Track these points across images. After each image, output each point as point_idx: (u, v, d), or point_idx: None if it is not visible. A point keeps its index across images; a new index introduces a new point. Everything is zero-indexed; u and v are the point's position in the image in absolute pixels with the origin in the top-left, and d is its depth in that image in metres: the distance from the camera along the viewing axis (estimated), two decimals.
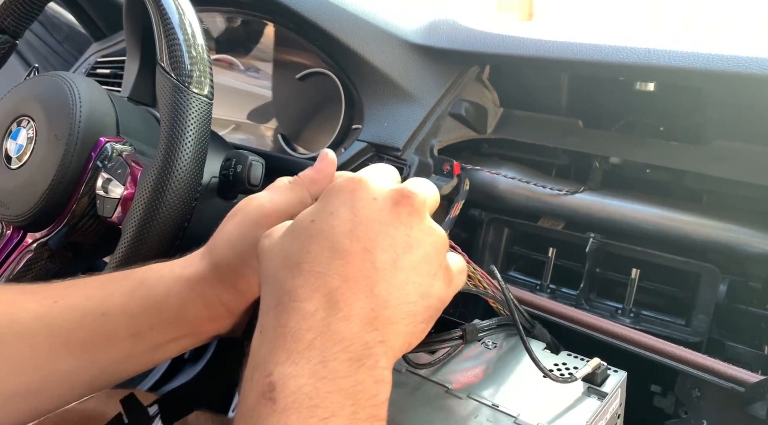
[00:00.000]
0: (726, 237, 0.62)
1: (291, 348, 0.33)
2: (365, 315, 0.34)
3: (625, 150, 0.69)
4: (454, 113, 0.75)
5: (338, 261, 0.35)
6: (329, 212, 0.37)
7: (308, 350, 0.33)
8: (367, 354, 0.34)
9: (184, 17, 0.59)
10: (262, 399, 0.32)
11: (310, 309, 0.34)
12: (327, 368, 0.32)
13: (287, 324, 0.34)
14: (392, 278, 0.36)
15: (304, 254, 0.35)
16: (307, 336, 0.33)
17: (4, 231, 0.70)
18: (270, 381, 0.32)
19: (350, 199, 0.37)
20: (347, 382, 0.32)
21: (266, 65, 0.92)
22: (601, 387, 0.46)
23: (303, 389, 0.32)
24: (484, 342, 0.52)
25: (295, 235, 0.37)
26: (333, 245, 0.35)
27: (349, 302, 0.34)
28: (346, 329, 0.34)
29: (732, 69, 0.57)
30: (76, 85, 0.65)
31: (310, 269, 0.35)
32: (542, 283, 0.72)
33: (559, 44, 0.67)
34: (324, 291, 0.34)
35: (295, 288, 0.35)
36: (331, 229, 0.36)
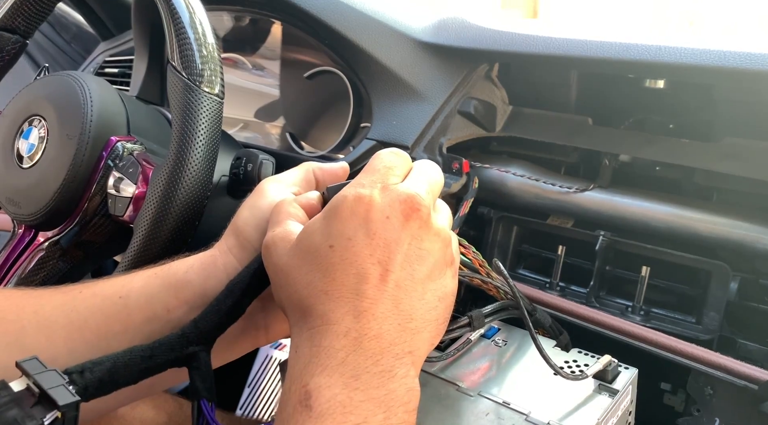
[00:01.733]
0: (736, 235, 0.62)
1: (325, 363, 0.35)
2: (393, 331, 0.37)
3: (635, 147, 0.69)
4: (463, 111, 0.75)
5: (364, 286, 0.37)
6: (347, 238, 0.38)
7: (341, 365, 0.35)
8: (397, 365, 0.36)
9: (194, 16, 0.59)
10: (299, 406, 0.34)
11: (342, 330, 0.36)
12: (359, 380, 0.35)
13: (321, 344, 0.36)
14: (413, 292, 0.38)
15: (330, 282, 0.37)
16: (340, 354, 0.35)
17: (16, 230, 0.70)
18: (306, 390, 0.34)
19: (365, 222, 0.38)
20: (379, 392, 0.35)
21: (274, 64, 0.92)
22: (612, 384, 0.46)
23: (337, 398, 0.34)
24: (495, 340, 0.52)
25: (315, 262, 0.38)
26: (357, 271, 0.37)
27: (378, 321, 0.36)
28: (377, 345, 0.36)
29: (743, 66, 0.57)
30: (87, 85, 0.66)
31: (339, 295, 0.37)
32: (552, 281, 0.72)
33: (568, 41, 0.67)
34: (354, 314, 0.36)
35: (326, 313, 0.37)
36: (353, 256, 0.37)
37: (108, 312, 0.43)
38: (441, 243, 0.40)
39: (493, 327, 0.53)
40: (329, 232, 0.38)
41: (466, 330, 0.47)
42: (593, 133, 0.72)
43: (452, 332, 0.46)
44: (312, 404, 0.34)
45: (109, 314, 0.43)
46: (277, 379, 1.15)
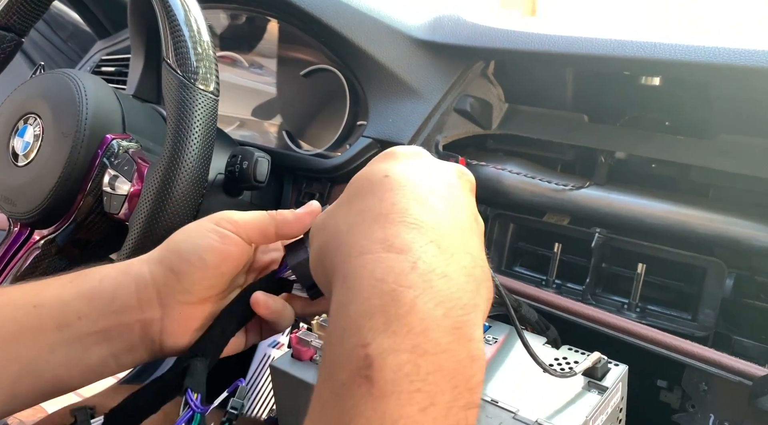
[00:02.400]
0: (732, 232, 0.62)
1: (391, 311, 0.29)
2: (461, 272, 0.31)
3: (631, 144, 0.69)
4: (459, 109, 0.75)
5: (429, 215, 0.32)
6: (403, 169, 0.35)
7: (410, 314, 0.28)
8: (464, 321, 0.30)
9: (189, 14, 0.59)
10: (357, 376, 0.28)
11: (410, 261, 0.30)
12: (429, 339, 0.28)
13: (385, 279, 0.29)
14: (472, 239, 0.34)
15: (390, 205, 0.32)
16: (407, 294, 0.29)
17: (11, 229, 0.70)
18: (367, 354, 0.28)
19: (419, 162, 0.36)
20: (448, 359, 0.28)
21: (270, 62, 0.92)
22: (601, 381, 0.46)
23: (404, 368, 0.28)
24: (485, 337, 0.52)
25: (367, 190, 0.34)
26: (420, 198, 0.33)
27: (446, 256, 0.31)
28: (447, 287, 0.30)
29: (739, 62, 0.57)
30: (82, 83, 0.66)
31: (401, 220, 0.32)
32: (548, 279, 0.72)
33: (564, 39, 0.67)
34: (421, 243, 0.31)
35: (388, 238, 0.31)
36: (413, 185, 0.34)
37: (21, 321, 0.43)
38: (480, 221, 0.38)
39: (483, 324, 0.53)
40: (381, 167, 0.35)
41: None
42: (589, 131, 0.72)
43: None
44: (374, 376, 0.27)
45: (22, 323, 0.43)
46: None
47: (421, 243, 0.31)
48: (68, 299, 0.44)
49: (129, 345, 0.44)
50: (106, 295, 0.44)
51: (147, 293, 0.44)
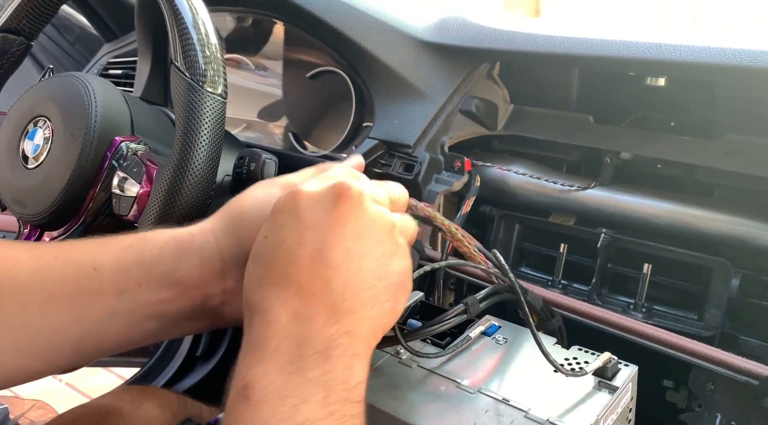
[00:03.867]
0: (738, 231, 0.62)
1: (260, 353, 0.36)
2: (325, 312, 0.37)
3: (636, 145, 0.69)
4: (464, 110, 0.75)
5: (291, 268, 0.38)
6: (279, 226, 0.39)
7: (275, 353, 0.36)
8: (333, 346, 0.36)
9: (197, 17, 0.60)
10: (237, 398, 0.35)
11: (273, 318, 0.37)
12: (294, 365, 0.35)
13: (255, 335, 0.37)
14: (345, 271, 0.38)
15: (264, 269, 0.39)
16: (272, 342, 0.36)
17: (21, 230, 0.70)
18: (245, 382, 0.35)
19: (295, 209, 0.39)
20: (315, 373, 0.35)
21: (277, 64, 0.93)
22: (612, 381, 0.46)
23: (273, 383, 0.35)
24: (495, 337, 0.52)
25: (256, 255, 0.40)
26: (285, 255, 0.38)
27: (307, 304, 0.37)
28: (308, 329, 0.36)
29: (744, 63, 0.57)
30: (91, 86, 0.66)
31: (270, 282, 0.38)
32: (554, 279, 0.73)
33: (569, 40, 0.67)
34: (282, 300, 0.37)
35: (259, 302, 0.38)
36: (282, 241, 0.38)
37: (82, 283, 0.43)
38: (382, 221, 0.40)
39: (493, 324, 0.53)
40: (267, 227, 0.40)
41: (462, 316, 0.47)
42: (595, 131, 0.72)
43: (449, 321, 0.47)
44: (249, 394, 0.35)
45: (83, 285, 0.43)
46: None
47: (283, 300, 0.37)
48: (128, 265, 0.44)
49: (189, 314, 0.45)
50: (167, 265, 0.44)
51: (211, 265, 0.44)
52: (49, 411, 1.06)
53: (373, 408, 0.44)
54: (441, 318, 0.47)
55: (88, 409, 0.70)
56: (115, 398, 0.73)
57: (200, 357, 1.29)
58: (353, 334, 0.37)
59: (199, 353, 1.31)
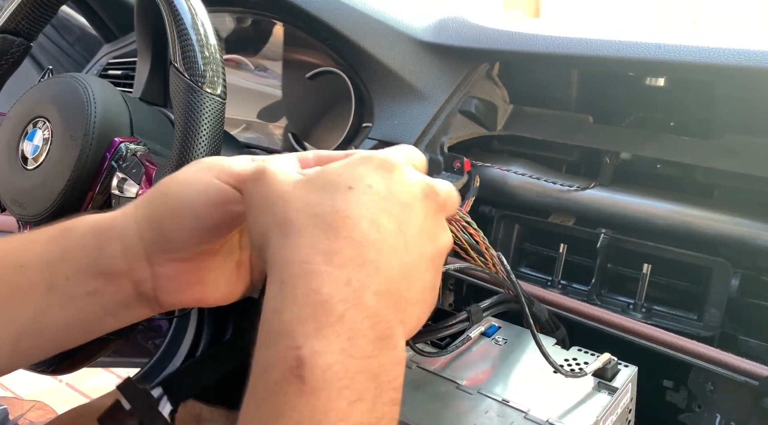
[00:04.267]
0: (737, 232, 0.62)
1: (322, 319, 0.31)
2: (392, 293, 0.33)
3: (636, 145, 0.69)
4: (464, 110, 0.75)
5: (375, 235, 0.34)
6: (367, 184, 0.35)
7: (339, 323, 0.31)
8: (388, 334, 0.33)
9: (196, 18, 0.60)
10: (289, 375, 0.30)
11: (344, 277, 0.32)
12: (355, 345, 0.31)
13: (320, 291, 0.32)
14: (418, 263, 0.36)
15: (342, 218, 0.34)
16: (339, 306, 0.31)
17: (21, 231, 0.71)
18: (298, 355, 0.30)
19: (388, 178, 0.36)
20: (372, 363, 0.31)
21: (276, 64, 0.93)
22: (611, 381, 0.46)
23: (333, 367, 0.30)
24: (494, 338, 0.52)
25: (327, 195, 0.35)
26: (371, 217, 0.34)
27: (382, 277, 0.33)
28: (376, 304, 0.32)
29: (743, 63, 0.57)
30: (90, 86, 0.66)
31: (348, 235, 0.33)
32: (553, 279, 0.73)
33: (568, 40, 0.67)
34: (359, 262, 0.33)
35: (330, 252, 0.33)
36: (370, 201, 0.35)
37: (10, 281, 0.42)
38: (446, 237, 0.39)
39: (493, 325, 0.53)
40: (350, 174, 0.35)
41: (465, 324, 0.47)
42: (594, 131, 0.72)
43: (451, 327, 0.47)
44: (305, 375, 0.30)
45: (12, 283, 0.42)
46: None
47: (360, 262, 0.33)
48: (53, 259, 0.42)
49: (124, 303, 0.43)
50: (91, 254, 0.42)
51: (134, 252, 0.42)
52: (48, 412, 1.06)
53: None
54: (443, 324, 0.47)
55: (87, 410, 0.71)
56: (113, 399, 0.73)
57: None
58: (405, 326, 0.34)
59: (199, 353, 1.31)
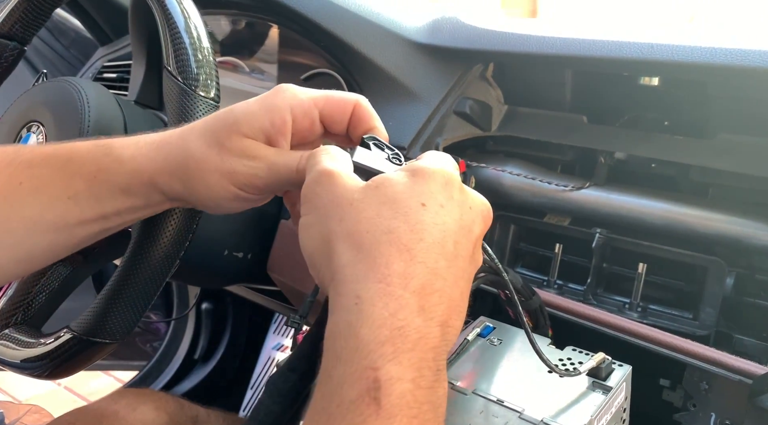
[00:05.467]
0: (732, 231, 0.62)
1: (398, 344, 0.31)
2: (449, 324, 0.34)
3: (630, 145, 0.69)
4: (458, 111, 0.75)
5: (443, 262, 0.34)
6: (439, 203, 0.35)
7: (412, 351, 0.31)
8: (443, 366, 0.33)
9: (189, 21, 0.60)
10: (366, 396, 0.30)
11: (418, 305, 0.32)
12: (423, 376, 0.31)
13: (397, 315, 0.32)
14: (466, 290, 0.36)
15: (417, 241, 0.33)
16: (412, 335, 0.32)
17: None
18: (376, 377, 0.30)
19: (456, 199, 0.36)
20: (433, 394, 0.32)
21: (271, 66, 0.93)
22: (605, 381, 0.46)
23: (406, 396, 0.30)
24: (489, 339, 0.52)
25: (401, 212, 0.34)
26: (443, 243, 0.34)
27: (443, 307, 0.33)
28: (438, 336, 0.33)
29: (736, 63, 0.57)
30: (84, 90, 0.66)
31: (422, 260, 0.33)
32: (549, 279, 0.73)
33: (562, 41, 0.68)
34: (430, 290, 0.33)
35: (406, 275, 0.33)
36: (443, 225, 0.35)
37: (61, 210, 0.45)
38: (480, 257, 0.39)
39: (488, 325, 0.53)
40: (420, 191, 0.35)
41: None
42: (589, 131, 0.72)
43: None
44: (382, 399, 0.30)
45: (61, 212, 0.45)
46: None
47: (430, 290, 0.33)
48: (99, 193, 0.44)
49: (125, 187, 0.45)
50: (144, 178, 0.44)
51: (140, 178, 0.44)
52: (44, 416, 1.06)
53: None
54: None
55: (84, 413, 0.71)
56: (111, 401, 0.73)
57: (198, 360, 1.30)
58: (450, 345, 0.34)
59: (197, 355, 1.31)
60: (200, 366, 1.29)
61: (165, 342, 1.30)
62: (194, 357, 1.29)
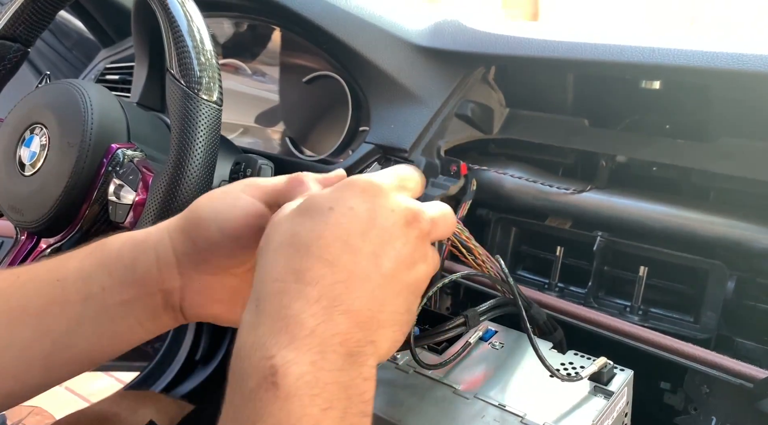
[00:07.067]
0: (733, 234, 0.62)
1: (294, 332, 0.33)
2: (362, 314, 0.35)
3: (632, 148, 0.69)
4: (460, 114, 0.75)
5: (348, 256, 0.35)
6: (349, 206, 0.37)
7: (309, 337, 0.33)
8: (357, 352, 0.34)
9: (192, 24, 0.60)
10: (264, 382, 0.32)
11: (315, 295, 0.34)
12: (325, 359, 0.33)
13: (290, 306, 0.34)
14: (391, 286, 0.37)
15: (316, 238, 0.36)
16: (309, 321, 0.33)
17: (18, 237, 0.71)
18: (272, 364, 0.32)
19: (371, 202, 0.38)
20: (343, 376, 0.33)
21: (273, 69, 0.93)
22: (607, 386, 0.46)
23: (305, 377, 0.32)
24: (492, 342, 0.52)
25: (308, 216, 0.37)
26: (346, 239, 0.36)
27: (351, 297, 0.35)
28: (344, 322, 0.34)
29: (737, 67, 0.57)
30: (87, 93, 0.66)
31: (320, 255, 0.35)
32: (550, 282, 0.73)
33: (564, 44, 0.68)
34: (330, 281, 0.35)
35: (301, 270, 0.35)
36: (348, 223, 0.36)
37: (47, 295, 0.44)
38: (428, 265, 0.40)
39: (490, 329, 0.53)
40: (334, 197, 0.38)
41: (462, 328, 0.47)
42: (590, 135, 0.72)
43: (448, 331, 0.47)
44: (279, 382, 0.32)
45: (48, 297, 0.44)
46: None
47: (331, 280, 0.35)
48: (89, 271, 0.44)
49: (153, 313, 0.45)
50: (126, 265, 0.44)
51: (167, 262, 0.44)
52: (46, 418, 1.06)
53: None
54: (440, 329, 0.47)
55: (85, 415, 0.71)
56: (112, 404, 0.73)
57: (199, 361, 1.30)
58: (375, 346, 0.36)
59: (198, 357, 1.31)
60: (202, 367, 1.29)
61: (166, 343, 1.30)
62: (196, 358, 1.29)
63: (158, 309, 0.45)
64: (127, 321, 0.45)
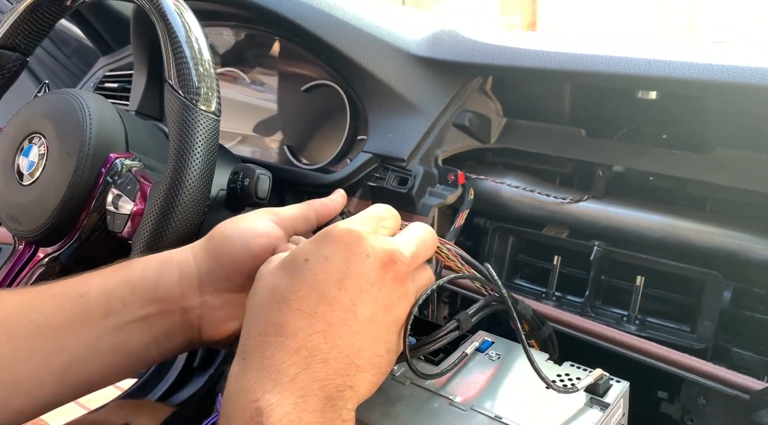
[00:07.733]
0: (729, 244, 0.63)
1: (276, 379, 0.35)
2: (340, 361, 0.37)
3: (628, 158, 0.69)
4: (457, 123, 0.76)
5: (324, 306, 0.38)
6: (324, 256, 0.39)
7: (291, 383, 0.35)
8: (338, 396, 0.37)
9: (190, 34, 0.60)
10: (251, 422, 0.34)
11: (294, 346, 0.36)
12: (307, 402, 0.35)
13: (273, 357, 0.36)
14: (368, 332, 0.39)
15: (294, 292, 0.38)
16: (291, 370, 0.36)
17: (16, 246, 0.71)
18: (258, 406, 0.34)
19: (345, 250, 0.40)
20: (324, 417, 0.35)
21: (271, 78, 0.93)
22: (603, 397, 0.46)
23: (288, 416, 0.34)
24: (488, 354, 0.52)
25: (287, 270, 0.39)
26: (322, 289, 0.38)
27: (329, 346, 0.37)
28: (323, 370, 0.36)
29: (732, 79, 0.58)
30: (86, 103, 0.67)
31: (298, 307, 0.37)
32: (548, 291, 0.73)
33: (560, 55, 0.68)
34: (308, 332, 0.37)
35: (281, 323, 0.37)
36: (323, 274, 0.39)
37: (68, 310, 0.45)
38: (402, 306, 0.42)
39: (486, 340, 0.53)
40: (310, 249, 0.40)
41: (455, 333, 0.48)
42: (587, 144, 0.73)
43: (443, 338, 0.47)
44: (264, 421, 0.34)
45: (69, 312, 0.45)
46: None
47: (309, 331, 0.37)
48: (113, 287, 0.46)
49: (169, 331, 0.47)
50: (149, 282, 0.46)
51: (189, 280, 0.46)
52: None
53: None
54: (434, 336, 0.47)
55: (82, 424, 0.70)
56: (109, 413, 0.73)
57: (197, 369, 1.29)
58: (354, 391, 0.38)
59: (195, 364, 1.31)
60: (199, 374, 1.29)
61: None
62: (193, 365, 1.29)
63: (176, 326, 0.46)
64: (144, 338, 0.46)
